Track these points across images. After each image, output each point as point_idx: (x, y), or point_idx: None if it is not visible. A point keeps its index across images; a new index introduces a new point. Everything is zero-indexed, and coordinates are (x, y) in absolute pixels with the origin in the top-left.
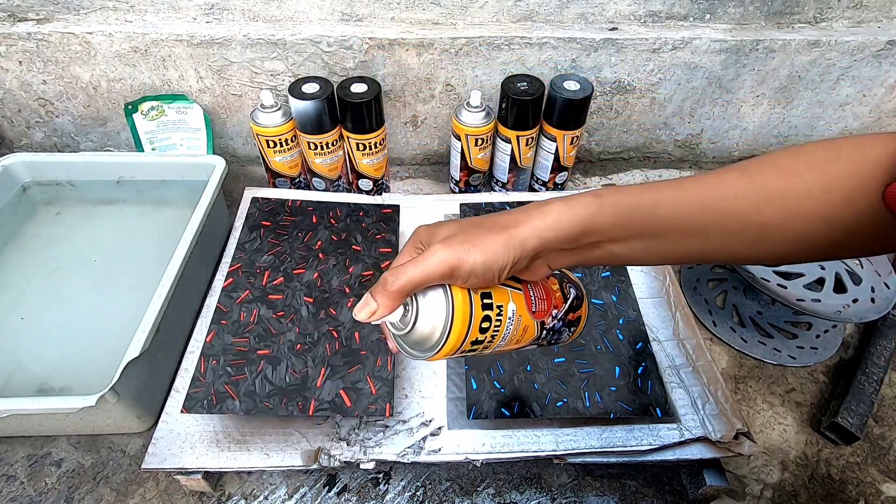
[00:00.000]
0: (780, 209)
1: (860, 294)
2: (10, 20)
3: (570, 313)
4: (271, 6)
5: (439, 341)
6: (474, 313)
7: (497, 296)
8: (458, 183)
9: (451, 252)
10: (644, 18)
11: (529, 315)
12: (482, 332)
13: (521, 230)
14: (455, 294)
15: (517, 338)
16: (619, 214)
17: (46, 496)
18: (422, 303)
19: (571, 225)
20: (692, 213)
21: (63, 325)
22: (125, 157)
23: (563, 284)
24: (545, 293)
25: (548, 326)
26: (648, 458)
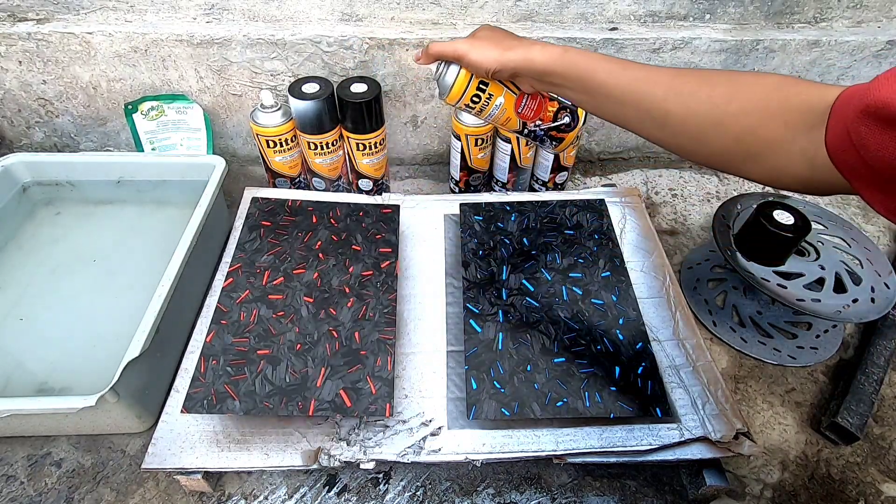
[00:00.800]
0: (683, 104)
1: (860, 294)
2: (10, 20)
3: (553, 131)
4: (271, 6)
5: (447, 90)
6: (469, 87)
7: (493, 87)
8: (458, 183)
9: (464, 45)
10: (644, 18)
11: (514, 112)
12: (473, 102)
13: (510, 54)
14: (462, 71)
15: (502, 120)
16: (569, 69)
17: (46, 496)
18: (447, 68)
19: (538, 65)
20: (619, 85)
21: (63, 325)
22: (125, 157)
23: (561, 111)
24: (537, 107)
25: (529, 128)
26: (648, 458)
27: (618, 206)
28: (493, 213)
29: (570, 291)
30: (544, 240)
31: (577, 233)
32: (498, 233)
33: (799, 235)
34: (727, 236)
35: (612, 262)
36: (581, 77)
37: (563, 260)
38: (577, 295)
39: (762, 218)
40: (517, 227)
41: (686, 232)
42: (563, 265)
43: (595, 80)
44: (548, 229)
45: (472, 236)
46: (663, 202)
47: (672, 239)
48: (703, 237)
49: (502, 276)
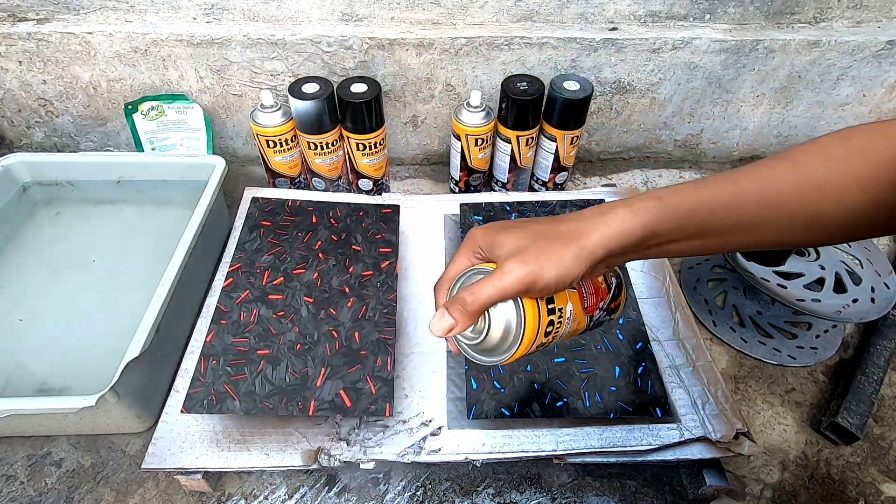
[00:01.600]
0: (831, 199)
1: (860, 294)
2: (10, 20)
3: (612, 302)
4: (271, 6)
5: (510, 349)
6: (542, 321)
7: (558, 298)
8: (458, 183)
9: (527, 270)
10: (644, 18)
11: (582, 311)
12: (546, 336)
13: (590, 240)
14: (526, 305)
15: (570, 332)
16: (680, 218)
17: (46, 496)
18: (493, 315)
19: (636, 231)
20: (748, 211)
21: (63, 326)
22: (125, 157)
23: (606, 274)
24: (593, 287)
25: (595, 319)
26: (648, 458)
27: None
28: (493, 213)
29: None
30: None
31: None
32: None
33: None
34: None
35: None
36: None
37: None
38: None
39: None
40: None
41: None
42: None
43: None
44: None
45: None
46: None
47: None
48: None
49: None
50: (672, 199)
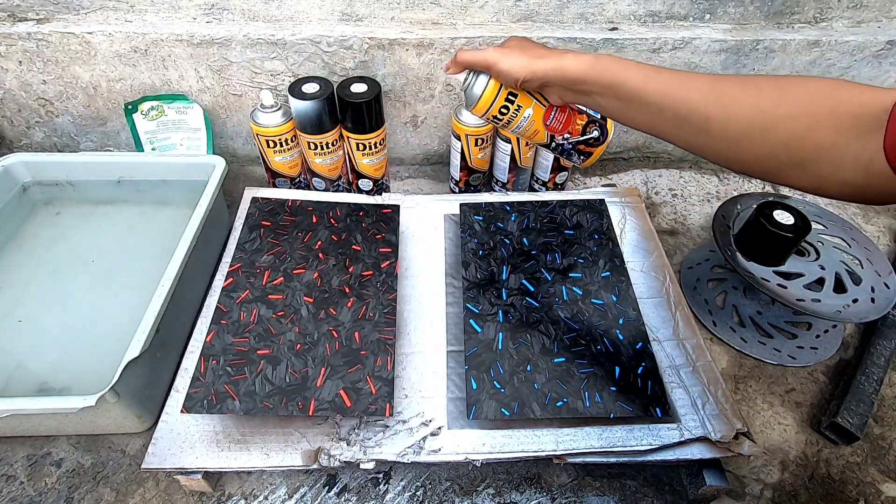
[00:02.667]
0: (724, 109)
1: (860, 294)
2: (10, 20)
3: (582, 144)
4: (271, 6)
5: (474, 102)
6: (498, 97)
7: (522, 99)
8: (458, 183)
9: (494, 54)
10: (644, 18)
11: (542, 124)
12: (501, 113)
13: (540, 62)
14: (491, 82)
15: (529, 133)
16: (601, 76)
17: (46, 496)
18: (475, 78)
19: (570, 73)
20: (654, 91)
21: (63, 325)
22: (125, 157)
23: (590, 124)
24: (566, 119)
25: (557, 141)
26: (648, 458)
27: (618, 206)
28: (493, 213)
29: (570, 291)
30: (544, 240)
31: (577, 233)
32: (498, 233)
33: (799, 235)
34: (727, 236)
35: (612, 262)
36: (614, 84)
37: (563, 260)
38: (577, 295)
39: (762, 218)
40: (517, 227)
41: (686, 232)
42: (563, 265)
43: (628, 87)
44: (548, 229)
45: (472, 236)
46: (663, 202)
47: (672, 239)
48: (703, 237)
49: (502, 276)
50: (605, 60)
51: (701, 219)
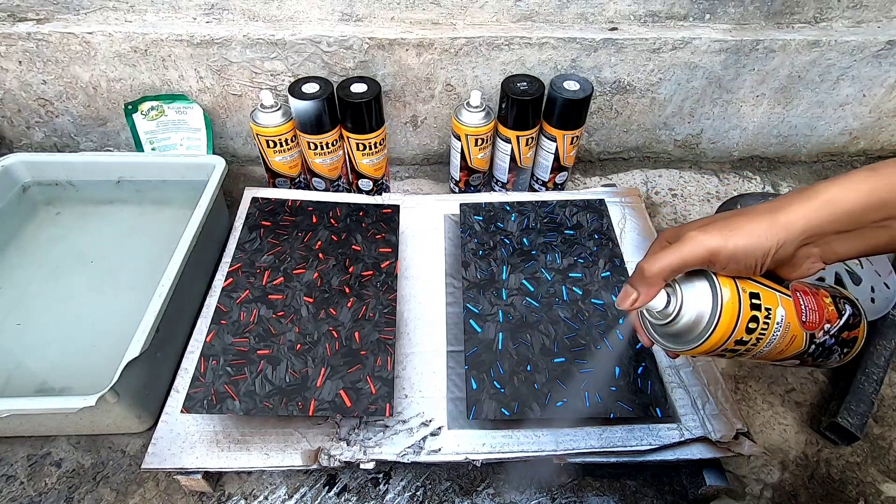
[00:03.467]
0: None
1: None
2: (10, 20)
3: (844, 331)
4: (271, 6)
5: (704, 332)
6: (742, 309)
7: (766, 297)
8: (458, 183)
9: (709, 236)
10: (644, 18)
11: (799, 324)
12: (748, 333)
13: (786, 212)
14: (723, 284)
15: (782, 347)
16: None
17: (46, 496)
18: (686, 292)
19: (849, 202)
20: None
21: (63, 325)
22: (125, 157)
23: (837, 299)
24: (817, 305)
25: (818, 340)
26: (648, 458)
27: (618, 206)
28: (493, 213)
29: (570, 291)
30: (544, 240)
31: (577, 233)
32: (498, 233)
33: None
34: None
35: (612, 262)
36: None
37: (563, 260)
38: (577, 295)
39: None
40: (517, 227)
41: None
42: (563, 265)
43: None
44: (548, 229)
45: (472, 236)
46: (663, 202)
47: None
48: None
49: (502, 276)
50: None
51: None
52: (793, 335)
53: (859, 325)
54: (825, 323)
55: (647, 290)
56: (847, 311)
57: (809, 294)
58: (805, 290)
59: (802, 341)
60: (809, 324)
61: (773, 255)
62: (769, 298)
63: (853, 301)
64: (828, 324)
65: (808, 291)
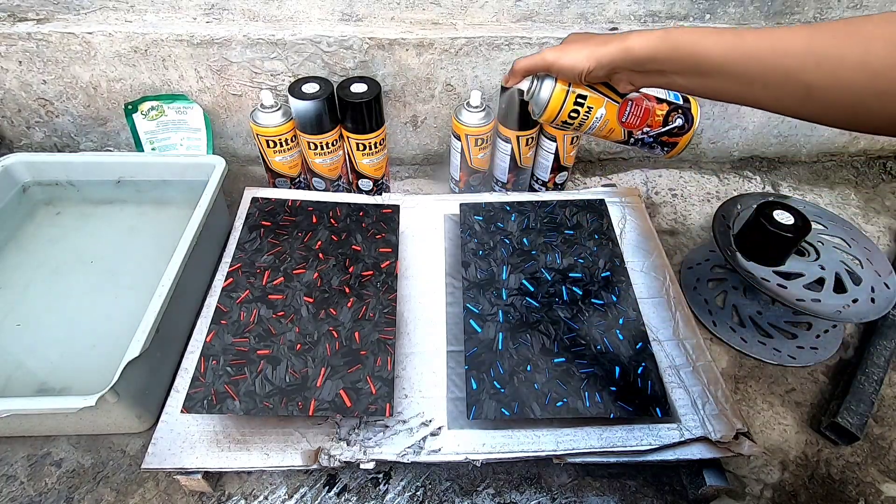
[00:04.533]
0: (829, 74)
1: (860, 294)
2: (10, 20)
3: (665, 136)
4: (271, 6)
5: (541, 106)
6: (567, 100)
7: (592, 99)
8: (458, 183)
9: (552, 52)
10: (644, 18)
11: (618, 122)
12: (571, 117)
13: (602, 49)
14: (557, 85)
15: (605, 132)
16: (677, 50)
17: (46, 496)
18: (539, 84)
19: (638, 53)
20: (739, 60)
21: (63, 325)
22: (125, 157)
23: (672, 113)
24: (643, 113)
25: (636, 136)
26: (648, 458)
27: (618, 206)
28: (493, 213)
29: (570, 291)
30: (544, 240)
31: (577, 233)
32: (498, 233)
33: (799, 235)
34: (727, 236)
35: (612, 262)
36: (689, 58)
37: (563, 260)
38: (577, 295)
39: (762, 218)
40: (517, 227)
41: (686, 232)
42: (563, 265)
43: (708, 60)
44: (548, 229)
45: (472, 236)
46: (663, 202)
47: (672, 239)
48: (703, 237)
49: (502, 276)
50: (676, 34)
51: (701, 219)
52: (611, 128)
53: (684, 134)
54: (645, 126)
55: (512, 78)
56: (675, 123)
57: (643, 104)
58: (640, 101)
59: (621, 133)
60: (628, 124)
61: (587, 75)
62: (595, 101)
63: (692, 118)
64: (647, 128)
65: (644, 102)
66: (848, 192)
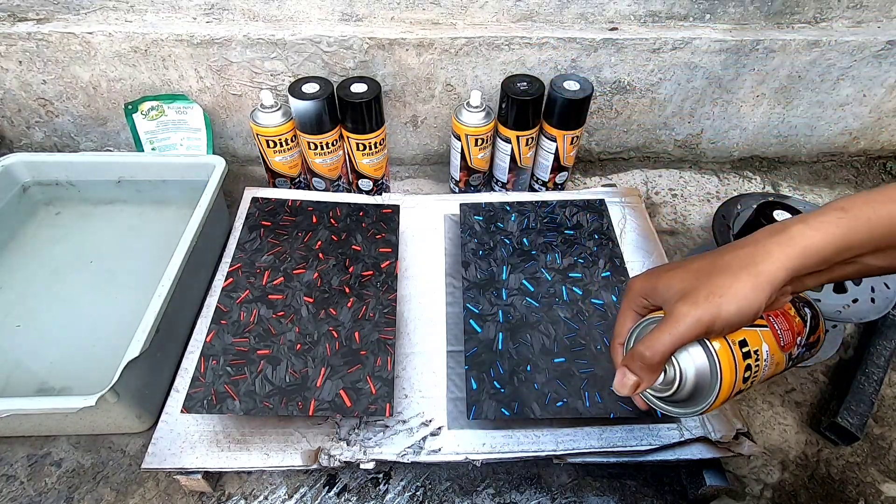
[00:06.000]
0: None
1: (860, 294)
2: (10, 20)
3: (810, 336)
4: (271, 6)
5: (708, 396)
6: (738, 364)
7: (751, 340)
8: (458, 183)
9: (701, 310)
10: (644, 18)
11: (779, 350)
12: (745, 382)
13: (767, 266)
14: (719, 349)
15: (769, 374)
16: (878, 227)
17: (46, 496)
18: (684, 364)
19: (823, 248)
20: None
21: (63, 326)
22: (125, 157)
23: (798, 305)
24: (787, 323)
25: (794, 356)
26: (648, 458)
27: (618, 206)
28: (493, 213)
29: (570, 291)
30: (544, 240)
31: (576, 233)
32: (498, 233)
33: None
34: (727, 236)
35: (612, 262)
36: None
37: (563, 260)
38: (577, 295)
39: (762, 218)
40: (517, 227)
41: (686, 232)
42: (563, 265)
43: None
44: (548, 229)
45: (472, 236)
46: (663, 202)
47: (672, 239)
48: (703, 237)
49: (502, 276)
50: (864, 210)
51: (701, 219)
52: (777, 362)
53: (819, 324)
54: (797, 337)
55: (650, 375)
56: (808, 314)
57: (780, 315)
58: (776, 313)
59: (784, 362)
60: (787, 345)
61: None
62: (754, 339)
63: (807, 301)
64: (799, 336)
65: (778, 312)
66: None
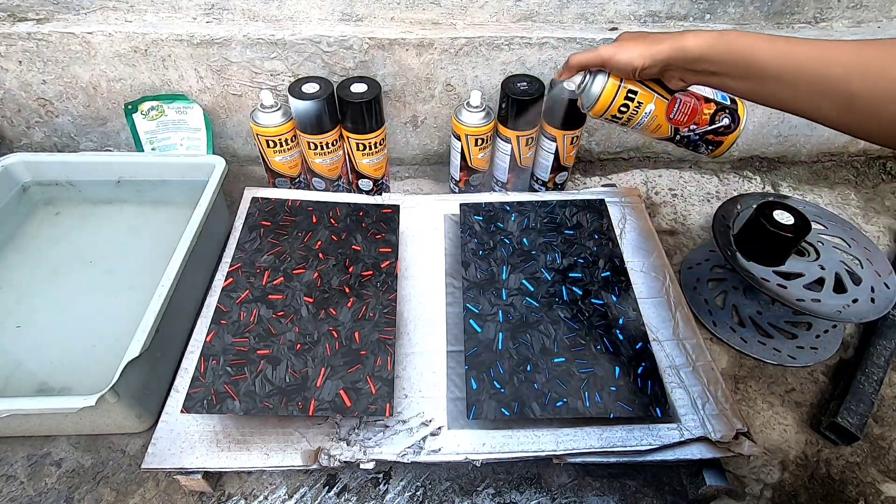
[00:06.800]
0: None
1: (860, 294)
2: (10, 20)
3: (710, 134)
4: (271, 6)
5: (593, 101)
6: (618, 95)
7: (643, 94)
8: (458, 183)
9: (608, 49)
10: (644, 18)
11: (665, 118)
12: (621, 112)
13: (658, 46)
14: (610, 79)
15: (652, 128)
16: (731, 52)
17: (46, 496)
18: (592, 78)
19: (691, 52)
20: (787, 65)
21: (63, 325)
22: (125, 157)
23: (719, 112)
24: (691, 111)
25: (682, 133)
26: (648, 458)
27: (618, 206)
28: (493, 213)
29: (570, 291)
30: (544, 240)
31: (577, 233)
32: (498, 233)
33: (799, 235)
34: (727, 236)
35: (612, 262)
36: (741, 60)
37: (563, 260)
38: (577, 295)
39: (762, 218)
40: (517, 227)
41: (686, 232)
42: (563, 265)
43: (758, 63)
44: (548, 229)
45: (472, 236)
46: (663, 202)
47: (672, 239)
48: (703, 237)
49: (502, 276)
50: (730, 36)
51: (701, 219)
52: (658, 124)
53: (730, 133)
54: (692, 124)
55: (566, 72)
56: (722, 122)
57: (692, 103)
58: (689, 99)
59: (668, 130)
60: (675, 121)
61: (641, 71)
62: (645, 97)
63: (738, 118)
64: (694, 125)
65: (693, 101)
66: (848, 192)
